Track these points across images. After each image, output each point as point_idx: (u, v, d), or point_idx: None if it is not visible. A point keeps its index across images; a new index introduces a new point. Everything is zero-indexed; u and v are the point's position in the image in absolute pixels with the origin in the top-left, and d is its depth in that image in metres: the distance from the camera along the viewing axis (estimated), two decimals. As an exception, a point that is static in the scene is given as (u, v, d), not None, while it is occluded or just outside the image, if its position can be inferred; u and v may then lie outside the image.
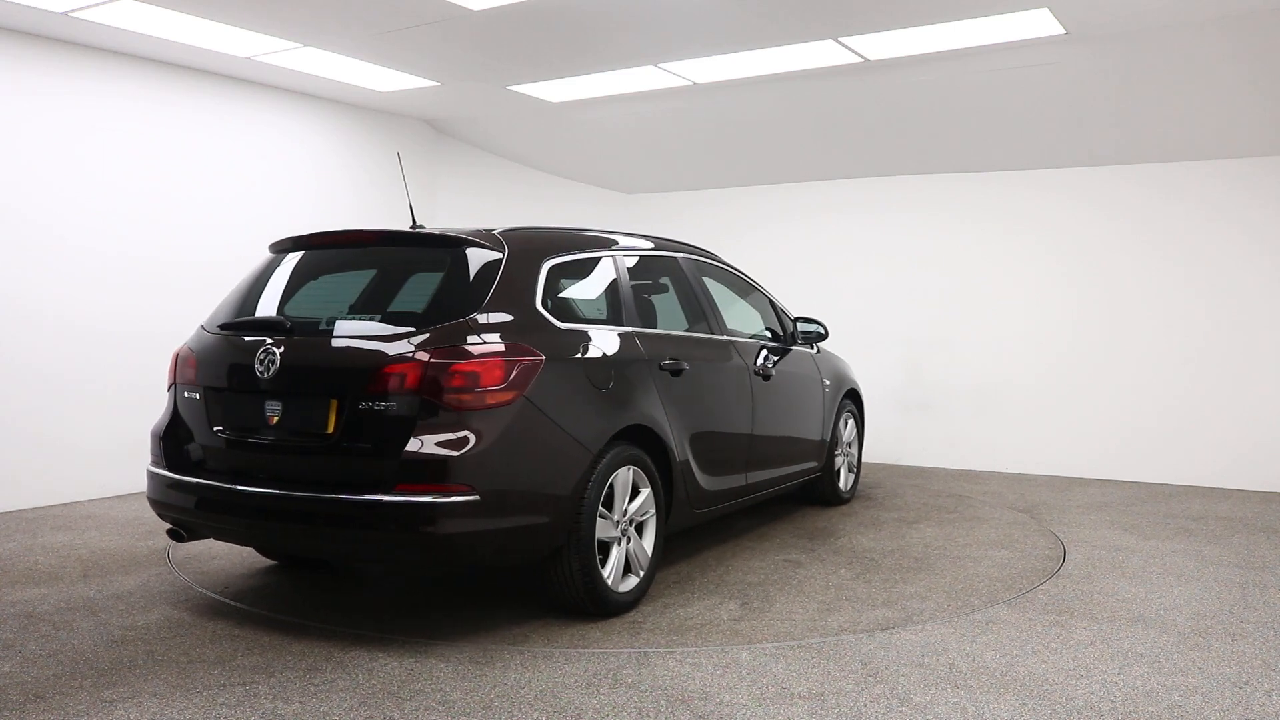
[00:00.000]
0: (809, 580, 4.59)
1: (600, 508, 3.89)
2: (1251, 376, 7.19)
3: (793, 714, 3.05)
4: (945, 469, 8.14)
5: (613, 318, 4.35)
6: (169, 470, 4.00)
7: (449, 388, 3.48)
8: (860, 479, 7.16)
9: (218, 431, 3.91)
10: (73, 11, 5.63)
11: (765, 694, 3.21)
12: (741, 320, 5.75)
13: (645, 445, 4.21)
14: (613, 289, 4.45)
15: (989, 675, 3.39)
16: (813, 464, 6.02)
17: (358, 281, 4.11)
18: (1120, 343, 7.67)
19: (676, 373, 4.47)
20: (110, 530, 5.59)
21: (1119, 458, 7.63)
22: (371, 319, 3.81)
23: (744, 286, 5.80)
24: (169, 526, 4.05)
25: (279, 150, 7.48)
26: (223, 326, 4.07)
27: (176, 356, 4.18)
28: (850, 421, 6.58)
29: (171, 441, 4.09)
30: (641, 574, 4.15)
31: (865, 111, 7.37)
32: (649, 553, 4.20)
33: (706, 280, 5.32)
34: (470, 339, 3.59)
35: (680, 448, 4.43)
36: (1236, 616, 4.09)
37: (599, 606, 3.93)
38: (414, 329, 3.62)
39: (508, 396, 3.57)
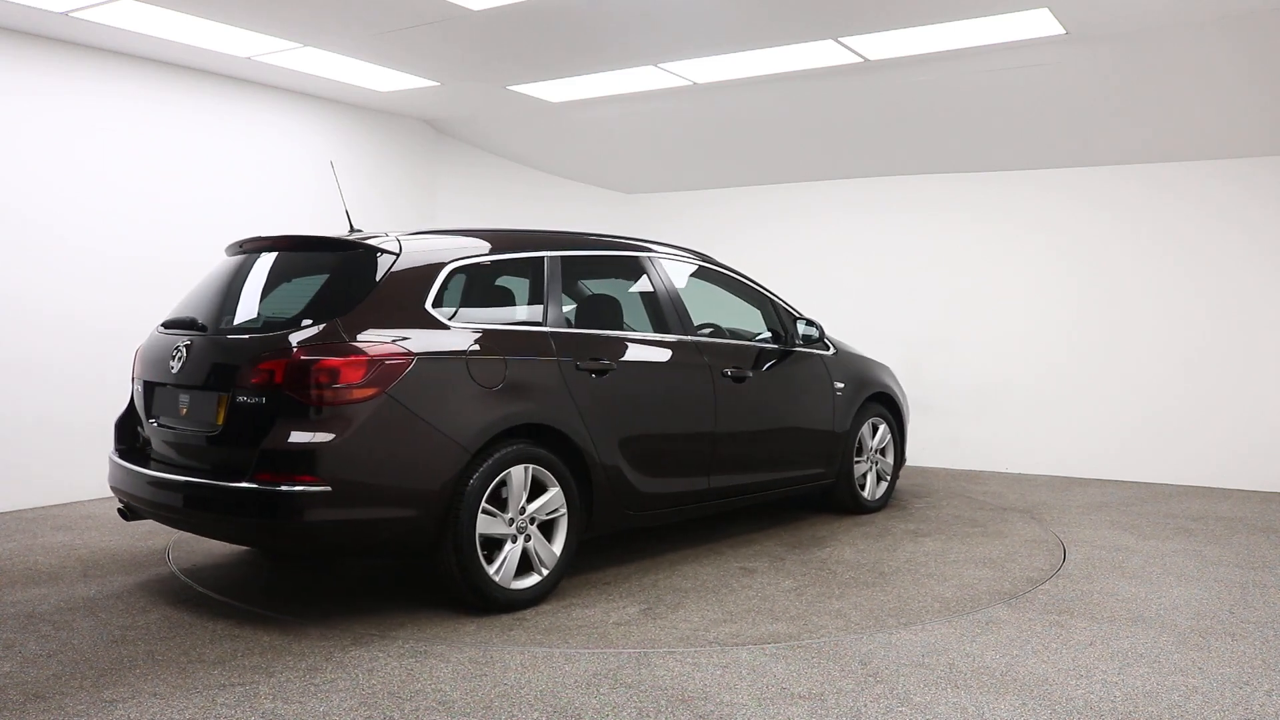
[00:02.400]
0: (741, 590, 4.46)
1: (487, 504, 3.98)
2: (1251, 376, 7.19)
3: (793, 714, 3.06)
4: (945, 469, 8.14)
5: (530, 318, 4.41)
6: (118, 456, 4.43)
7: (309, 384, 3.69)
8: (897, 487, 6.96)
9: (151, 422, 4.33)
10: (73, 11, 5.63)
11: (765, 694, 3.21)
12: (735, 321, 5.72)
13: (554, 444, 4.25)
14: (536, 290, 4.49)
15: (989, 675, 3.39)
16: (819, 470, 5.80)
17: (269, 283, 4.32)
18: (1120, 343, 7.67)
19: (601, 373, 4.47)
20: (110, 530, 5.59)
21: (1119, 458, 7.63)
22: (262, 319, 4.10)
23: (739, 287, 5.68)
24: (119, 505, 4.44)
25: (279, 150, 7.48)
26: (163, 325, 4.47)
27: (136, 353, 4.61)
28: (882, 427, 6.27)
29: (124, 430, 4.58)
30: (545, 572, 4.19)
31: (865, 111, 7.37)
32: (556, 552, 4.23)
33: (685, 281, 5.29)
34: (336, 338, 3.78)
35: (603, 449, 4.43)
36: (1236, 616, 4.09)
37: (484, 602, 4.01)
38: (290, 329, 3.86)
39: (368, 393, 3.72)
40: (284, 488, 3.63)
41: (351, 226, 4.65)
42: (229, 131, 7.15)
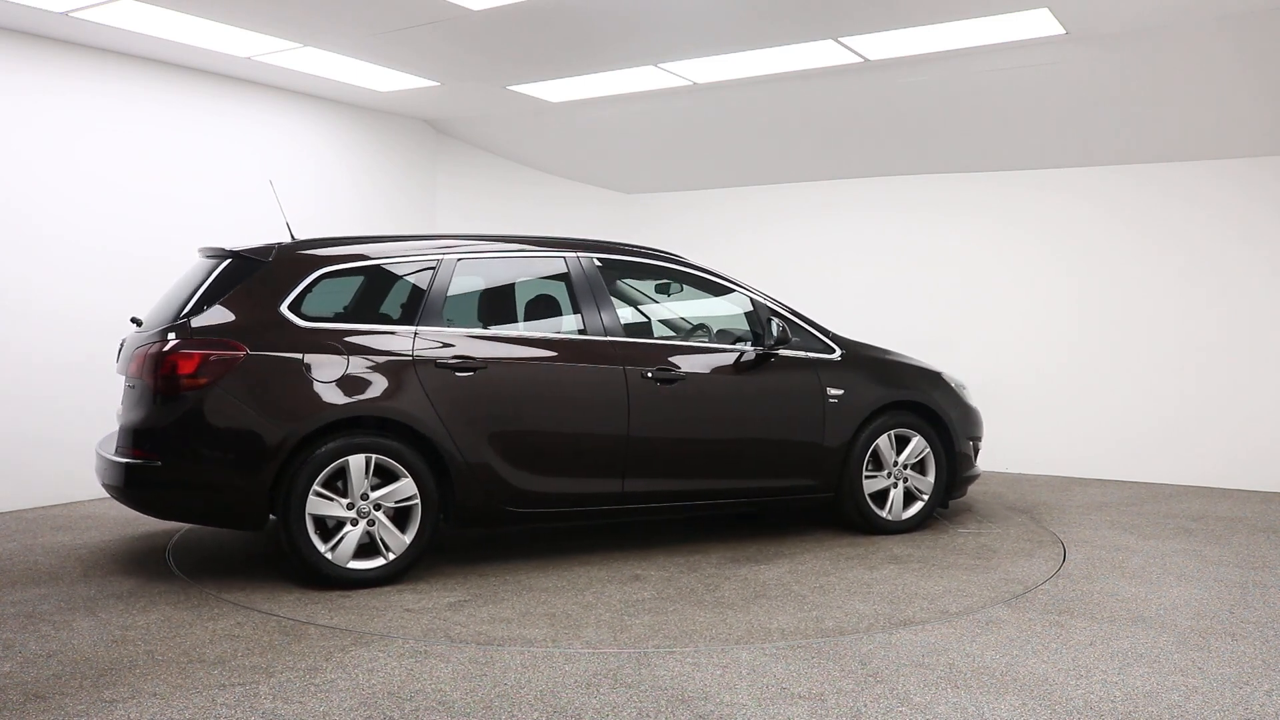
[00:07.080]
0: (587, 594, 4.38)
1: (323, 488, 4.38)
2: (1252, 377, 7.18)
3: (793, 714, 3.06)
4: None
5: (400, 319, 4.71)
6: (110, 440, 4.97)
7: (157, 375, 4.35)
8: (965, 505, 6.48)
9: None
10: (73, 11, 5.63)
11: (765, 694, 3.21)
12: (735, 323, 5.67)
13: (408, 437, 4.54)
14: (415, 293, 4.78)
15: (989, 675, 3.39)
16: (806, 482, 5.39)
17: (191, 286, 4.74)
18: (1120, 342, 7.67)
19: (465, 370, 4.65)
20: (110, 530, 5.59)
21: (1119, 458, 7.63)
22: (168, 317, 4.57)
23: (710, 287, 5.45)
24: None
25: (279, 150, 7.47)
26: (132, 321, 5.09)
27: None
28: (914, 440, 5.63)
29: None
30: (392, 557, 4.50)
31: (865, 111, 7.37)
32: (405, 539, 4.52)
33: (627, 281, 5.47)
34: (183, 335, 4.39)
35: (466, 444, 4.61)
36: (1236, 616, 4.09)
37: (316, 577, 4.40)
38: (162, 327, 4.48)
39: (200, 383, 4.31)
40: (127, 460, 4.39)
41: (292, 236, 4.95)
42: (229, 131, 7.15)
